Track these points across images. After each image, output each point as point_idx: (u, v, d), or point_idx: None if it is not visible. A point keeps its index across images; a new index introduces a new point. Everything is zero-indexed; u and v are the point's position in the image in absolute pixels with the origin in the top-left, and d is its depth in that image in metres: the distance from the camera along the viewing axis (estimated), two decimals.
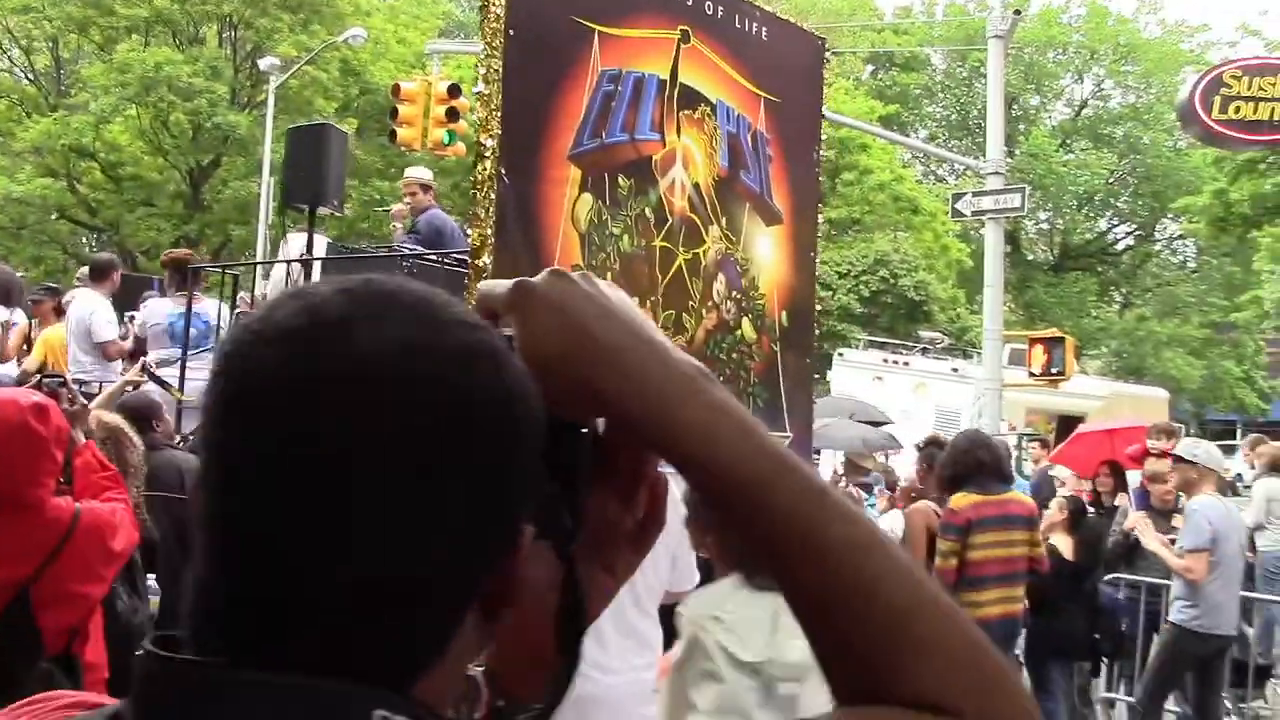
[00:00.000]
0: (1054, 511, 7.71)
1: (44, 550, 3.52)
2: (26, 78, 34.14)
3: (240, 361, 0.79)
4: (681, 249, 6.52)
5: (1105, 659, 8.16)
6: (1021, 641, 7.16)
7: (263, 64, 28.04)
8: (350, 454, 0.75)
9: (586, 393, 0.86)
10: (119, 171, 31.52)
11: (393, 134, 16.24)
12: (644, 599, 3.62)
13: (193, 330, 7.55)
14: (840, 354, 26.16)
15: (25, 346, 8.63)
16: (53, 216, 31.82)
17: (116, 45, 30.18)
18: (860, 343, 28.80)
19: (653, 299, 6.36)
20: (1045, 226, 42.21)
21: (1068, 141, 41.21)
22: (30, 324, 8.82)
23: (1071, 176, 38.26)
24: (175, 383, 7.12)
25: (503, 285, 0.92)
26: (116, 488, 3.97)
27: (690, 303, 6.57)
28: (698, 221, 6.64)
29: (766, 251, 7.18)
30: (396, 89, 16.17)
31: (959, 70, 41.57)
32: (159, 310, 7.99)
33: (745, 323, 6.96)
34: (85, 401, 5.03)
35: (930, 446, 7.21)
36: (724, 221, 6.80)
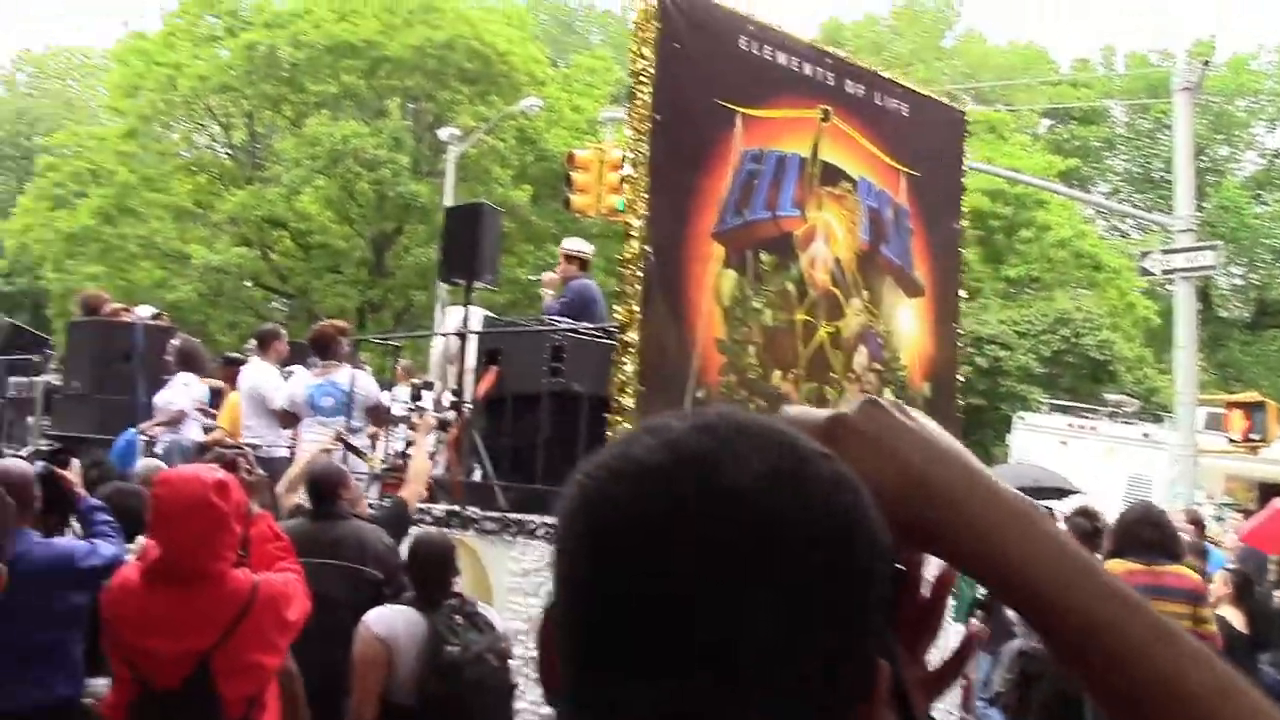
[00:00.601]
0: (1218, 585, 7.53)
1: (224, 622, 3.63)
2: (225, 152, 36.30)
3: (600, 498, 0.79)
4: (823, 322, 6.75)
5: None
6: None
7: (442, 134, 29.01)
8: (717, 588, 0.75)
9: (918, 530, 0.84)
10: (308, 240, 33.11)
11: (567, 201, 16.83)
12: None
13: (330, 400, 7.98)
14: (1021, 417, 25.58)
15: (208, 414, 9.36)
16: (247, 283, 33.57)
17: (307, 120, 31.66)
18: (1043, 406, 28.09)
19: (795, 372, 6.59)
20: (1239, 282, 40.54)
21: (1261, 193, 39.65)
22: (210, 391, 9.59)
23: (1266, 229, 36.76)
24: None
25: (816, 415, 0.90)
26: (288, 558, 4.10)
27: (832, 375, 6.78)
28: (839, 295, 6.85)
29: (908, 323, 7.34)
30: (571, 157, 16.82)
31: (1141, 122, 40.49)
32: (299, 381, 8.49)
33: (887, 393, 7.10)
34: (262, 472, 5.43)
35: (1077, 517, 7.16)
36: (866, 294, 7.00)
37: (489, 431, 6.86)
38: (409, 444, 7.11)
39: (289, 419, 8.13)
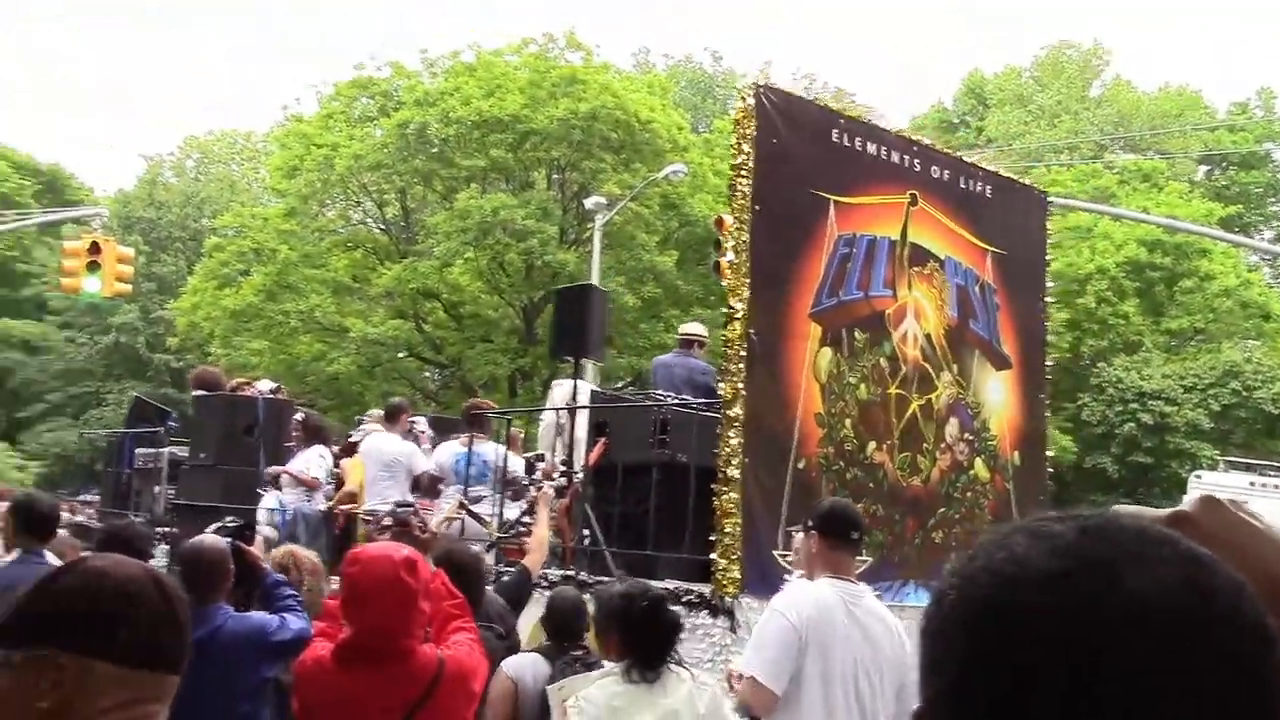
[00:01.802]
0: None
1: (413, 698, 3.69)
2: (379, 228, 38.15)
3: (999, 606, 0.82)
4: (915, 395, 7.31)
5: None
6: None
7: (588, 203, 29.84)
8: (1135, 694, 0.77)
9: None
10: (460, 310, 34.45)
11: (716, 265, 17.37)
12: None
13: (474, 469, 8.79)
14: (1198, 475, 25.03)
15: (333, 484, 10.32)
16: (401, 355, 35.08)
17: (457, 194, 33.03)
18: (1218, 463, 27.48)
19: (889, 443, 7.16)
20: None
21: None
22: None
23: None
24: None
25: (1155, 513, 0.92)
26: (464, 616, 4.14)
27: (925, 445, 7.32)
28: (930, 369, 7.42)
29: (997, 395, 7.85)
30: (720, 221, 17.33)
31: None
32: (447, 450, 9.37)
33: (978, 463, 7.62)
34: (434, 531, 6.18)
35: None
36: (955, 368, 7.55)
37: (598, 499, 7.53)
38: (524, 513, 7.82)
39: (433, 484, 8.96)
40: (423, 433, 10.67)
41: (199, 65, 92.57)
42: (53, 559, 5.58)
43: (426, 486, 9.18)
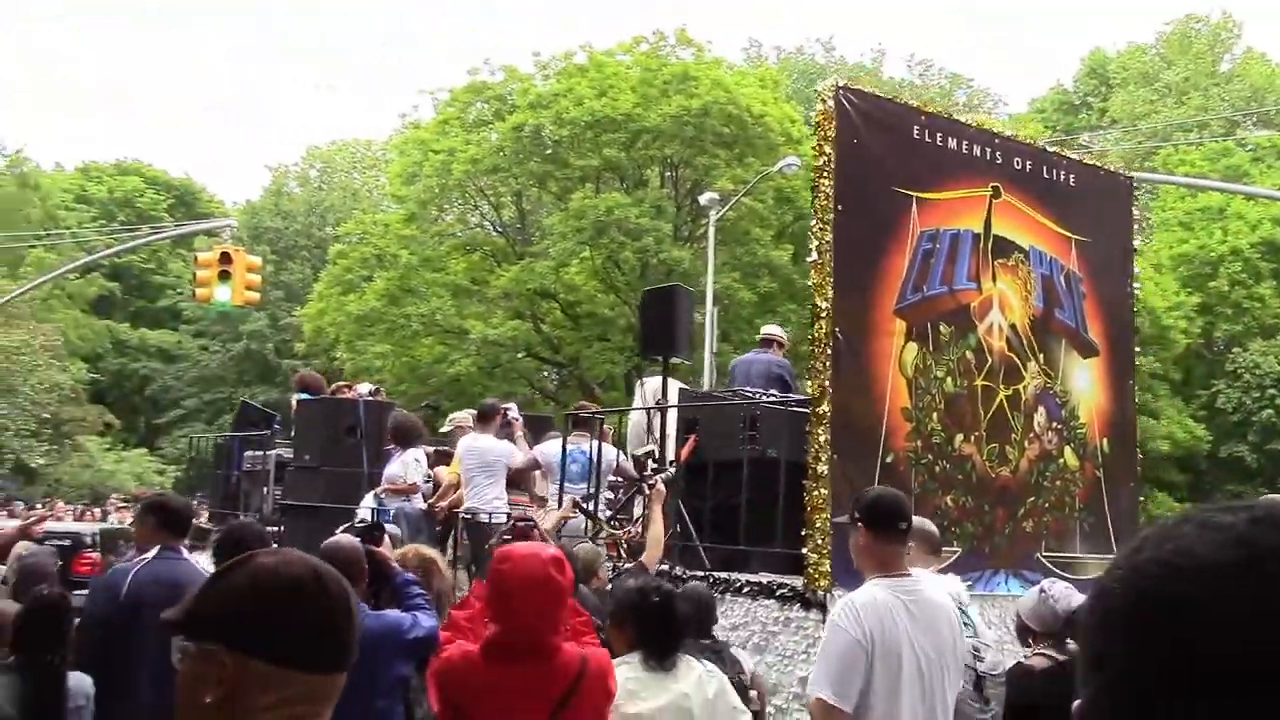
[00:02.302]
0: None
1: (559, 695, 3.78)
2: (496, 231, 38.95)
3: (1174, 599, 0.83)
4: (1002, 386, 7.46)
5: None
6: None
7: (702, 200, 30.03)
8: None
9: None
10: (576, 310, 34.99)
11: None
12: (943, 712, 4.25)
13: (576, 465, 9.16)
14: None
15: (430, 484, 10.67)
16: (520, 355, 35.77)
17: (571, 194, 33.49)
18: None
19: (976, 434, 7.32)
20: None
21: None
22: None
23: None
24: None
25: None
26: (589, 633, 4.23)
27: (1013, 435, 7.45)
28: (1016, 359, 7.55)
29: (1085, 383, 7.95)
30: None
31: None
32: (551, 449, 9.76)
33: (1068, 451, 7.72)
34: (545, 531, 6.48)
35: None
36: (1041, 357, 7.67)
37: (690, 495, 7.78)
38: (622, 507, 8.16)
39: (531, 468, 9.39)
40: (516, 419, 11.06)
41: (199, 65, 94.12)
42: (188, 555, 6.05)
43: (523, 470, 9.61)
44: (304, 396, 13.06)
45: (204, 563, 6.91)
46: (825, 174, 7.13)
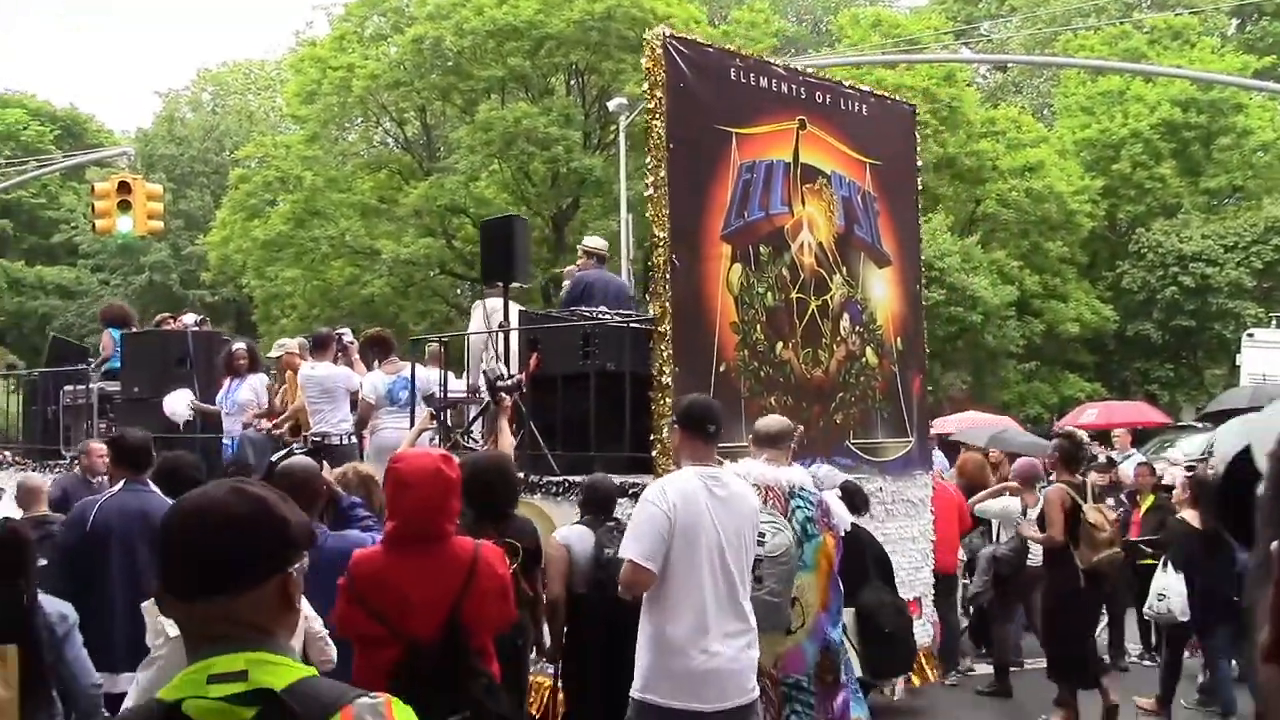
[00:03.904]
0: (1179, 490, 9.47)
1: (458, 585, 4.28)
2: (400, 147, 39.69)
3: None
4: (813, 297, 8.93)
5: None
6: None
7: (611, 105, 30.49)
8: None
9: None
10: None
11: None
12: (740, 587, 5.19)
13: (405, 393, 10.31)
14: (1250, 334, 26.06)
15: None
16: (434, 273, 36.68)
17: (477, 107, 34.20)
18: (1270, 320, 28.50)
19: (794, 341, 8.77)
20: None
21: None
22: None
23: None
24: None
25: None
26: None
27: (823, 340, 8.94)
28: (824, 273, 9.03)
29: (880, 290, 9.50)
30: None
31: None
32: (374, 380, 10.74)
33: (869, 351, 9.27)
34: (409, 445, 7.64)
35: (1061, 440, 9.10)
36: (845, 270, 9.17)
37: (541, 408, 8.91)
38: (472, 422, 9.40)
39: (367, 409, 10.54)
40: (351, 344, 12.00)
41: None
42: (154, 488, 6.58)
43: (363, 411, 10.70)
44: (113, 331, 13.73)
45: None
46: (657, 116, 8.28)
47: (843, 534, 6.58)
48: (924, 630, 9.57)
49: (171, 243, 45.04)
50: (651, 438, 8.08)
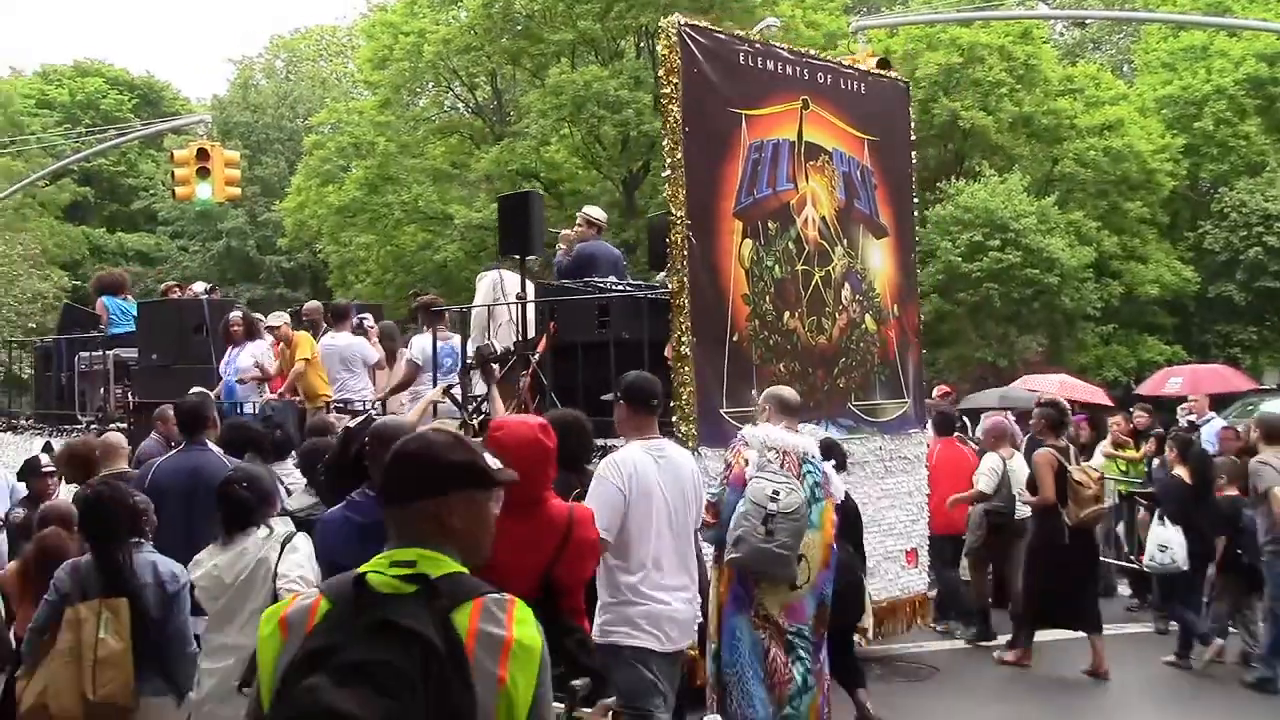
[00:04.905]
0: (1170, 452, 10.38)
1: (555, 541, 4.61)
2: (471, 111, 40.77)
3: None
4: (817, 269, 9.83)
5: None
6: None
7: None
8: None
9: None
10: (560, 188, 36.70)
11: None
12: (687, 543, 6.00)
13: (450, 359, 11.19)
14: None
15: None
16: None
17: (547, 71, 35.12)
18: None
19: (799, 311, 9.68)
20: None
21: None
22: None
23: None
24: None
25: None
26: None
27: (826, 309, 9.84)
28: (826, 245, 9.93)
29: (878, 260, 10.43)
30: None
31: None
32: (422, 343, 11.53)
33: (868, 318, 10.19)
34: (415, 418, 8.63)
35: (1046, 408, 10.08)
36: (845, 242, 10.08)
37: (563, 373, 9.74)
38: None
39: (413, 372, 11.41)
40: (371, 327, 12.89)
41: None
42: (214, 449, 7.35)
43: (407, 376, 11.56)
44: (106, 299, 14.52)
45: None
46: (673, 100, 9.05)
47: (838, 502, 7.39)
48: (920, 578, 10.53)
49: (248, 209, 46.48)
50: (671, 404, 8.73)
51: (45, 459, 8.95)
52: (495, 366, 8.96)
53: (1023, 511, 10.75)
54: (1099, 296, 31.28)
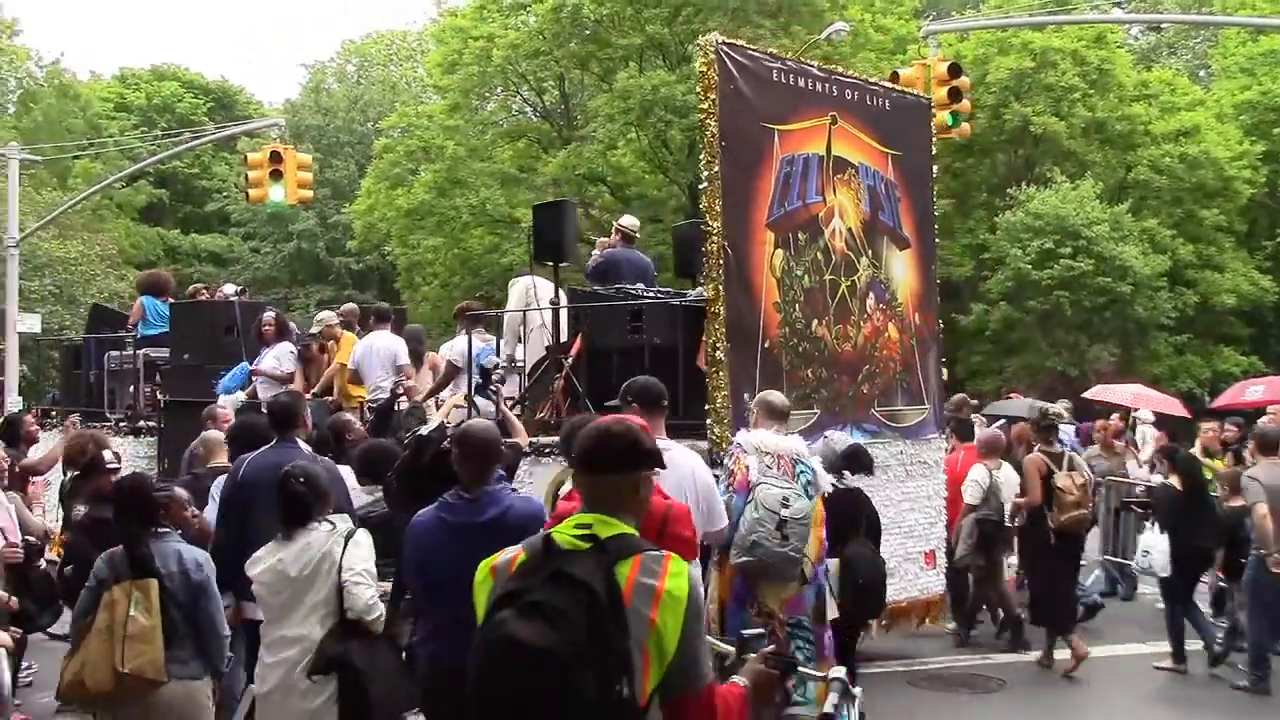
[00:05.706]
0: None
1: (653, 533, 4.57)
2: (539, 116, 41.58)
3: None
4: (843, 278, 10.44)
5: None
6: None
7: None
8: None
9: None
10: (626, 192, 37.37)
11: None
12: None
13: (491, 360, 11.14)
14: None
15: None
16: None
17: (614, 75, 35.74)
18: None
19: (827, 319, 10.29)
20: None
21: None
22: None
23: None
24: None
25: None
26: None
27: (852, 317, 10.46)
28: (852, 256, 10.55)
29: (901, 270, 11.04)
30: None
31: None
32: (461, 346, 11.84)
33: (891, 326, 10.79)
34: (443, 420, 9.19)
35: (1041, 417, 10.78)
36: (870, 253, 10.70)
37: (597, 377, 10.15)
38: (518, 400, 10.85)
39: (452, 372, 11.90)
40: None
41: None
42: (304, 446, 7.62)
43: (447, 376, 12.00)
44: (146, 299, 14.86)
45: None
46: (711, 116, 9.60)
47: (824, 495, 7.90)
48: (936, 579, 11.08)
49: (318, 211, 47.66)
50: (707, 407, 9.35)
51: (109, 456, 9.57)
52: (495, 381, 9.60)
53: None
54: (1173, 306, 31.41)
